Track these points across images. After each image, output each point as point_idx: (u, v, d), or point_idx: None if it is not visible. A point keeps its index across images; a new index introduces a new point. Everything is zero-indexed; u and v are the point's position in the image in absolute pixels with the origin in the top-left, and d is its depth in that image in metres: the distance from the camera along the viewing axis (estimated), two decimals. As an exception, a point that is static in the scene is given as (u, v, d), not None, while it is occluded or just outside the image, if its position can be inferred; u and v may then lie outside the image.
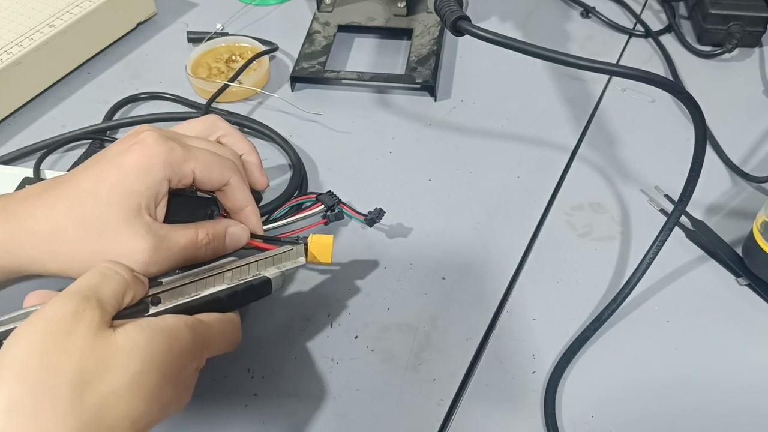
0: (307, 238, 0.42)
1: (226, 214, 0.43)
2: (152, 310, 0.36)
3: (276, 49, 0.65)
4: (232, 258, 0.40)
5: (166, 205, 0.39)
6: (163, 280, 0.37)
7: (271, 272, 0.39)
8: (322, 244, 0.42)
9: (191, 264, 0.40)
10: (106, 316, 0.32)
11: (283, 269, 0.40)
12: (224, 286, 0.38)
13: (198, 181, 0.39)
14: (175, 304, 0.36)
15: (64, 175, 0.38)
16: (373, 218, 0.47)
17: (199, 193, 0.43)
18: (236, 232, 0.41)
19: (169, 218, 0.39)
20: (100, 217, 0.36)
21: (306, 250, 0.41)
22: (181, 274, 0.38)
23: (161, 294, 0.36)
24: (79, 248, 0.36)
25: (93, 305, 0.32)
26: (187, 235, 0.39)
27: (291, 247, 0.41)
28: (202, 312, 0.36)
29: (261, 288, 0.39)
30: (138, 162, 0.37)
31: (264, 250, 0.42)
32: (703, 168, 0.42)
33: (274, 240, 0.43)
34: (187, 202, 0.41)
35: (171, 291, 0.37)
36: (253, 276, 0.39)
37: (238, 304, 0.38)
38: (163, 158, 0.37)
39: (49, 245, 0.36)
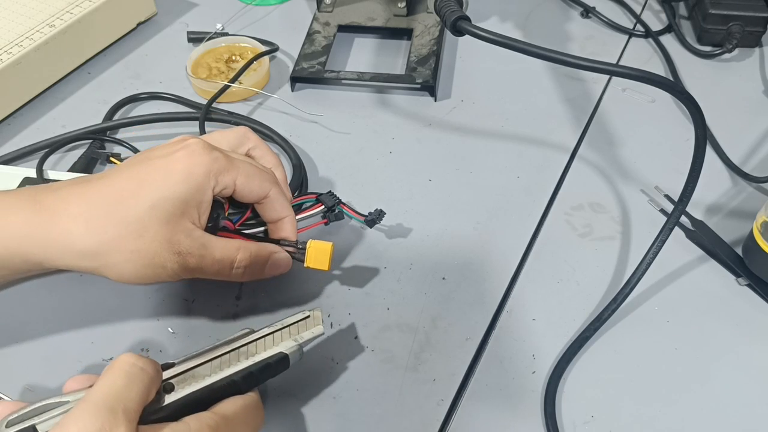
0: (306, 243, 0.42)
1: (230, 218, 0.43)
2: (166, 399, 0.34)
3: (276, 49, 0.65)
4: (246, 330, 0.38)
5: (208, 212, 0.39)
6: (176, 361, 0.36)
7: (287, 346, 0.37)
8: (320, 251, 0.42)
9: (223, 279, 0.40)
10: (131, 428, 0.30)
11: (300, 342, 0.37)
12: (240, 367, 0.35)
13: (238, 191, 0.40)
14: (189, 392, 0.34)
15: (99, 174, 0.39)
16: (373, 219, 0.47)
17: None
18: (279, 259, 0.42)
19: None
20: (142, 219, 0.36)
21: (321, 316, 0.39)
22: (193, 353, 0.36)
23: (174, 379, 0.35)
24: (118, 247, 0.36)
25: (120, 420, 0.29)
26: (226, 251, 0.39)
27: (308, 314, 0.38)
28: (217, 397, 0.35)
29: (278, 365, 0.37)
30: (184, 168, 0.37)
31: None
32: (703, 168, 0.42)
33: (275, 243, 0.43)
34: None
35: (183, 375, 0.35)
36: (269, 354, 0.36)
37: (255, 384, 0.36)
38: (207, 167, 0.38)
39: (85, 243, 0.36)
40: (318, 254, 0.42)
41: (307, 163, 0.54)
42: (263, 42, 0.64)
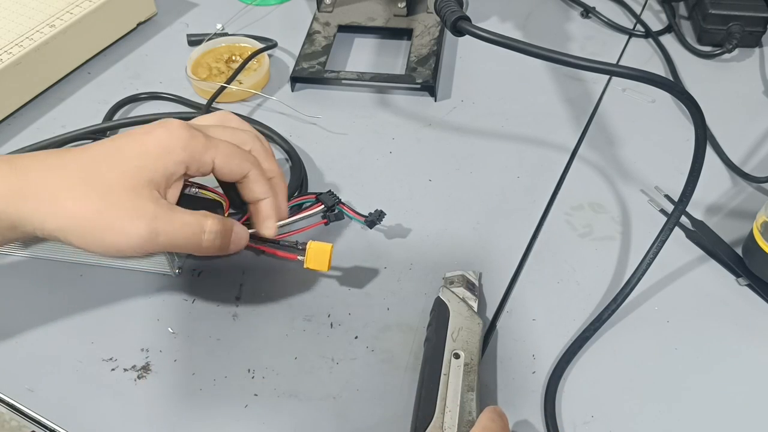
0: (306, 243, 0.43)
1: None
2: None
3: (275, 45, 0.65)
4: None
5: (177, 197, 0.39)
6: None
7: None
8: (319, 252, 0.42)
9: (194, 253, 0.40)
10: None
11: None
12: None
13: (217, 170, 0.40)
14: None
15: (84, 145, 0.39)
16: (373, 220, 0.47)
17: (204, 195, 0.43)
18: (239, 231, 0.42)
19: None
20: (110, 180, 0.37)
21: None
22: None
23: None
24: (82, 206, 0.36)
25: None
26: (196, 216, 0.39)
27: None
28: None
29: None
30: (160, 142, 0.38)
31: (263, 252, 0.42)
32: (703, 168, 0.42)
33: (274, 243, 0.43)
34: (193, 202, 0.41)
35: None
36: None
37: None
38: (183, 142, 0.38)
39: (54, 200, 0.36)
40: (317, 255, 0.42)
41: (307, 163, 0.54)
42: (263, 41, 0.64)
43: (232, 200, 0.43)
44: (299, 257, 0.43)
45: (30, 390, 0.41)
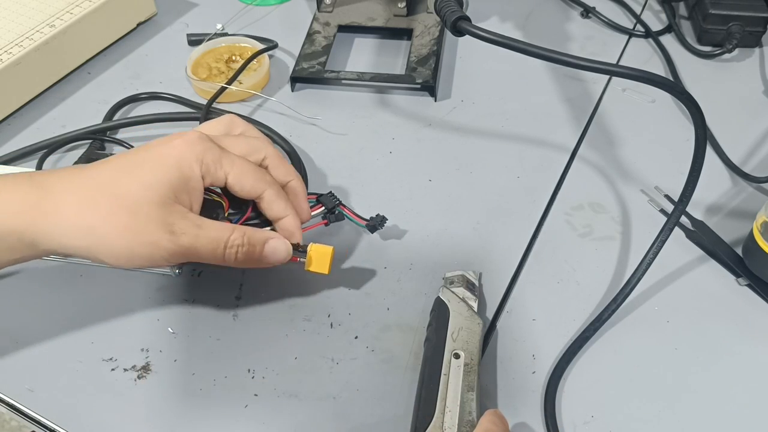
0: (307, 246, 0.43)
1: (230, 218, 0.43)
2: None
3: (275, 45, 0.65)
4: None
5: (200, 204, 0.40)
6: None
7: None
8: (321, 254, 0.42)
9: (219, 264, 0.40)
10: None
11: None
12: None
13: (229, 186, 0.40)
14: None
15: (101, 159, 0.39)
16: (374, 224, 0.47)
17: (205, 196, 0.43)
18: (277, 245, 0.41)
19: None
20: (135, 197, 0.37)
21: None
22: None
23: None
24: (111, 222, 0.36)
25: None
26: (220, 230, 0.39)
27: None
28: None
29: None
30: (177, 155, 0.38)
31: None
32: (703, 168, 0.42)
33: (300, 251, 0.43)
34: None
35: None
36: None
37: None
38: (199, 155, 0.38)
39: (78, 216, 0.36)
40: (319, 258, 0.42)
41: (307, 163, 0.54)
42: (263, 41, 0.64)
43: (232, 200, 0.43)
44: (300, 259, 0.43)
45: (30, 390, 0.41)
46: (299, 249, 0.43)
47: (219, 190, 0.44)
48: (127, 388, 0.41)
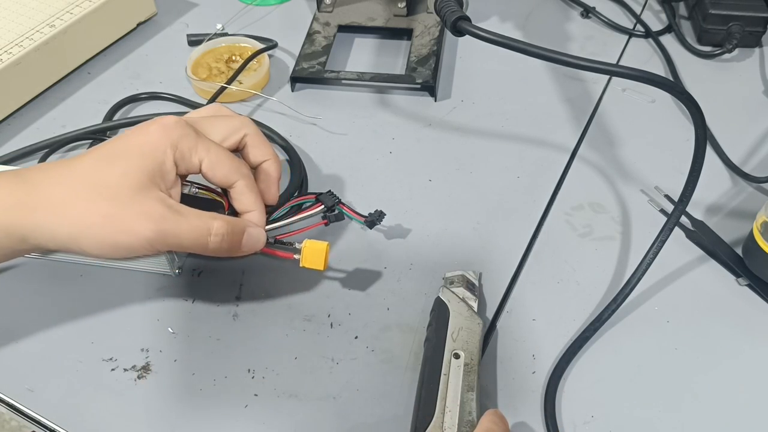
0: (301, 243, 0.43)
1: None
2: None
3: (275, 45, 0.65)
4: None
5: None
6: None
7: None
8: (315, 250, 0.42)
9: (199, 253, 0.40)
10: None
11: None
12: None
13: (203, 173, 0.40)
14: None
15: (83, 146, 0.40)
16: (373, 220, 0.47)
17: (203, 195, 0.43)
18: (255, 233, 0.42)
19: None
20: (114, 182, 0.37)
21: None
22: None
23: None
24: (92, 211, 0.36)
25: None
26: (203, 218, 0.39)
27: None
28: None
29: None
30: (151, 141, 0.38)
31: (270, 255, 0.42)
32: (703, 168, 0.42)
33: (272, 243, 0.43)
34: (193, 202, 0.41)
35: None
36: None
37: None
38: (172, 141, 0.38)
39: (63, 207, 0.36)
40: (313, 254, 0.42)
41: (307, 163, 0.54)
42: (263, 41, 0.64)
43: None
44: (295, 256, 0.43)
45: (30, 390, 0.41)
46: (295, 246, 0.43)
47: (219, 190, 0.44)
48: (127, 388, 0.41)
